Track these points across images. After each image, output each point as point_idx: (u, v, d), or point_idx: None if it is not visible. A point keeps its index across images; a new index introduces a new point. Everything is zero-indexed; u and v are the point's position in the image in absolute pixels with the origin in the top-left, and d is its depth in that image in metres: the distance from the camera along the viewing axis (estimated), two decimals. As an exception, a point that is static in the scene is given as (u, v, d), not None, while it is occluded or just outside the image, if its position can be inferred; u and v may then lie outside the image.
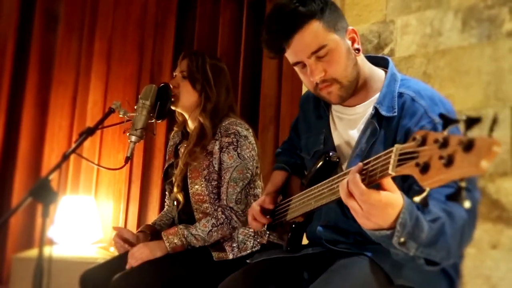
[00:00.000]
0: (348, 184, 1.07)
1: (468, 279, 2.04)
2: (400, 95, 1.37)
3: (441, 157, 0.87)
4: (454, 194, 0.87)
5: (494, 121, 0.82)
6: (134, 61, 3.54)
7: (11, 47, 3.82)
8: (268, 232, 1.65)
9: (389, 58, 1.49)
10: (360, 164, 1.08)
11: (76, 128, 3.71)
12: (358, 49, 1.41)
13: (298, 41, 1.35)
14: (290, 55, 1.40)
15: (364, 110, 1.43)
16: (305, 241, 1.56)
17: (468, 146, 0.83)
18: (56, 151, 3.73)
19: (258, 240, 2.02)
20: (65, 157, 1.54)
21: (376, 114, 1.38)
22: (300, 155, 1.68)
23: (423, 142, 0.93)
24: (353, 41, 1.41)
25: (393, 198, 1.04)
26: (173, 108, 2.12)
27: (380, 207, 1.03)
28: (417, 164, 0.92)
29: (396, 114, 1.35)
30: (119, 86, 3.59)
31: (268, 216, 1.58)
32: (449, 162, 0.85)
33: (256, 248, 2.01)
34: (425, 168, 0.90)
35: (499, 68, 2.11)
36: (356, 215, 1.08)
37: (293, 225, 1.49)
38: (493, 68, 2.12)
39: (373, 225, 1.06)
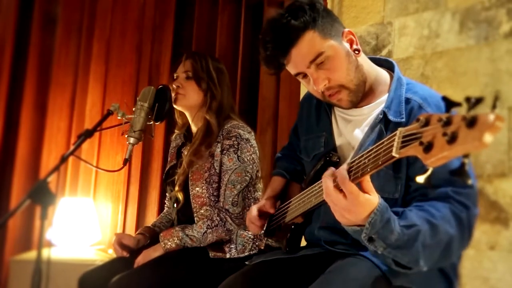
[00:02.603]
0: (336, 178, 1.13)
1: (466, 280, 2.05)
2: (408, 100, 1.37)
3: (444, 134, 0.88)
4: (457, 170, 0.87)
5: (496, 98, 0.83)
6: (132, 63, 3.54)
7: (9, 49, 3.82)
8: (266, 238, 1.66)
9: (394, 62, 1.49)
10: (345, 165, 1.14)
11: (74, 130, 3.71)
12: (357, 50, 1.41)
13: (296, 54, 1.36)
14: (290, 68, 1.41)
15: (369, 111, 1.43)
16: (303, 243, 1.56)
17: (472, 122, 0.84)
18: (54, 153, 3.73)
19: (257, 243, 2.03)
20: (64, 159, 1.54)
21: (383, 118, 1.38)
22: (300, 160, 1.68)
23: (427, 123, 0.94)
24: (351, 42, 1.41)
25: (366, 199, 1.11)
26: (175, 106, 2.13)
27: (353, 204, 1.10)
28: (420, 143, 0.93)
29: (404, 120, 1.35)
30: (117, 88, 3.59)
31: (266, 219, 1.58)
32: (452, 138, 0.86)
33: (254, 251, 2.01)
34: (428, 147, 0.91)
35: (497, 70, 2.11)
36: (334, 211, 1.16)
37: (292, 226, 1.49)
38: (490, 70, 2.13)
39: (346, 221, 1.15)
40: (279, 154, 1.84)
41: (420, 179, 0.94)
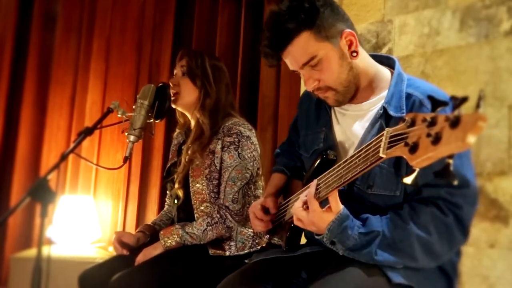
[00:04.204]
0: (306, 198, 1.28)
1: (466, 279, 2.05)
2: (408, 96, 1.37)
3: (428, 135, 0.88)
4: (441, 172, 0.88)
5: (480, 98, 0.84)
6: (133, 61, 3.54)
7: (9, 47, 3.82)
8: (267, 235, 1.65)
9: (395, 58, 1.49)
10: (315, 181, 1.29)
11: (74, 128, 3.71)
12: (355, 52, 1.39)
13: (289, 54, 1.39)
14: (288, 64, 1.44)
15: (369, 107, 1.43)
16: (303, 240, 1.56)
17: (455, 122, 0.85)
18: (54, 151, 3.73)
19: (256, 241, 2.03)
20: (64, 157, 1.53)
21: (384, 114, 1.38)
22: (300, 156, 1.68)
23: (413, 123, 0.94)
24: (350, 44, 1.39)
25: (325, 215, 1.26)
26: (174, 107, 2.13)
27: (316, 218, 1.27)
28: (406, 144, 0.94)
29: (404, 115, 1.35)
30: (117, 86, 3.59)
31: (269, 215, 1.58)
32: (436, 139, 0.87)
33: (254, 249, 2.01)
34: (414, 148, 0.92)
35: (497, 68, 2.11)
36: (303, 225, 1.32)
37: (292, 224, 1.49)
38: (490, 68, 2.12)
39: (313, 230, 1.31)
40: (278, 150, 1.84)
41: (408, 180, 0.95)
